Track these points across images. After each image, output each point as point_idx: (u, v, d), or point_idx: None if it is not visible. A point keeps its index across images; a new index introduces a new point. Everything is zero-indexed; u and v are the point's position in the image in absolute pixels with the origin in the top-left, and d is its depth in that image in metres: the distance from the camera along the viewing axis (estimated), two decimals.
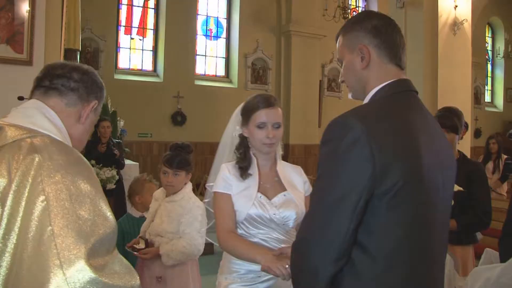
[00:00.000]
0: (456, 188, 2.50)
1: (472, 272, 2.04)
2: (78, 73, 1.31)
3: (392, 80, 1.30)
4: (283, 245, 1.84)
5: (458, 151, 2.87)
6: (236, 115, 2.06)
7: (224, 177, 1.91)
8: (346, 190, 1.14)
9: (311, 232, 1.19)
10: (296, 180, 2.01)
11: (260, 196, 1.88)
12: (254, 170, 1.93)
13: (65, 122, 1.25)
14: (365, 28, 1.32)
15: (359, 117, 1.18)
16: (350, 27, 1.37)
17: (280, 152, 2.07)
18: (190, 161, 2.73)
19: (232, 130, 2.07)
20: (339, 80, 1.45)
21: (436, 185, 1.24)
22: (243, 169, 1.92)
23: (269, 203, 1.88)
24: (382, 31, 1.32)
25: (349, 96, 1.45)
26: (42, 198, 0.99)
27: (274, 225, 1.87)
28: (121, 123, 6.99)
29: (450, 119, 2.76)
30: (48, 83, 1.28)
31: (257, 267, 1.73)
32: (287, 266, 1.54)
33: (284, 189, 1.94)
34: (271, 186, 1.94)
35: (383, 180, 1.13)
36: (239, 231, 1.89)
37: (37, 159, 1.03)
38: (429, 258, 1.24)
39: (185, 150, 2.74)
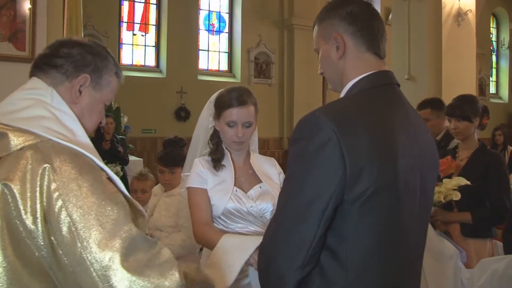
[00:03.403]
0: (464, 182, 2.42)
1: (478, 264, 2.03)
2: (66, 47, 1.16)
3: (371, 72, 1.21)
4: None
5: (478, 140, 2.72)
6: (209, 103, 2.03)
7: (199, 172, 1.89)
8: (313, 195, 1.06)
9: (276, 237, 1.12)
10: (271, 172, 2.00)
11: (236, 190, 1.86)
12: (228, 163, 1.92)
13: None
14: (340, 15, 1.23)
15: (331, 115, 1.09)
16: (325, 15, 1.28)
17: (255, 145, 2.05)
18: (184, 156, 2.71)
19: (206, 119, 2.04)
20: (319, 72, 1.36)
21: (412, 188, 1.16)
22: (216, 161, 1.91)
23: (245, 196, 1.86)
24: (358, 17, 1.23)
25: (331, 89, 1.38)
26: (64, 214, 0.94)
27: (252, 218, 1.86)
28: (124, 119, 6.99)
29: (460, 108, 2.64)
30: (35, 62, 1.17)
31: (251, 268, 1.70)
32: None
33: (259, 181, 1.92)
34: (246, 179, 1.93)
35: (354, 185, 1.05)
36: (217, 226, 1.87)
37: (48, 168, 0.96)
38: (401, 265, 1.18)
39: (178, 145, 2.72)
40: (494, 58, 14.19)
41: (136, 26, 9.61)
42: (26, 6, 3.99)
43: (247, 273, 1.73)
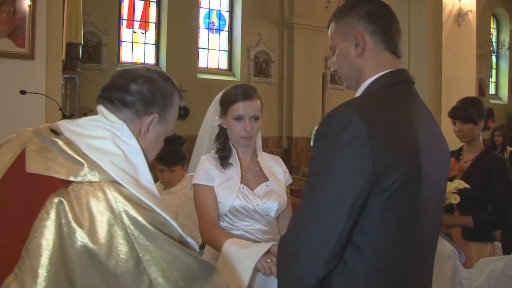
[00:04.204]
0: (462, 185, 2.40)
1: (477, 264, 2.03)
2: (136, 84, 1.18)
3: (389, 70, 1.23)
4: (266, 237, 1.82)
5: (484, 143, 2.68)
6: (214, 103, 2.02)
7: (205, 169, 1.87)
8: (344, 189, 1.07)
9: (303, 231, 1.11)
10: (277, 170, 1.99)
11: (243, 187, 1.86)
12: (235, 160, 1.90)
13: None
14: (359, 13, 1.25)
15: (358, 110, 1.10)
16: (343, 13, 1.30)
17: (259, 142, 2.04)
18: (183, 154, 2.70)
19: (211, 119, 2.03)
20: (331, 69, 1.38)
21: (431, 183, 1.19)
22: (223, 159, 1.89)
23: (252, 194, 1.86)
24: (377, 16, 1.25)
25: (345, 87, 1.39)
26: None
27: (258, 216, 1.85)
28: None
29: (464, 110, 2.60)
30: (104, 94, 1.20)
31: None
32: (268, 260, 1.52)
33: (266, 179, 1.92)
34: (253, 177, 1.92)
35: (381, 180, 1.07)
36: (223, 223, 1.86)
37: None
38: (418, 258, 1.21)
39: (178, 143, 2.72)
40: (494, 58, 14.19)
41: (136, 24, 9.59)
42: (26, 2, 3.98)
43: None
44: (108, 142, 1.11)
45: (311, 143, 2.45)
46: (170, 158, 2.63)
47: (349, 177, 1.07)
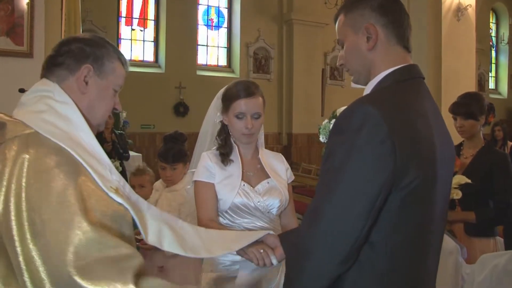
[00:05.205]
0: (464, 180, 2.39)
1: (479, 259, 2.03)
2: (66, 45, 1.23)
3: (402, 65, 1.20)
4: None
5: (484, 139, 2.67)
6: (217, 99, 2.00)
7: (206, 166, 1.86)
8: (363, 188, 1.03)
9: (319, 229, 1.06)
10: (279, 167, 1.97)
11: (244, 185, 1.84)
12: (236, 157, 1.89)
13: (73, 98, 1.19)
14: (371, 6, 1.21)
15: (378, 106, 1.06)
16: (353, 5, 1.25)
17: (262, 139, 2.03)
18: (185, 152, 2.69)
19: (213, 115, 2.01)
20: (338, 63, 1.33)
21: (443, 181, 1.18)
22: (224, 155, 1.88)
23: (253, 191, 1.84)
24: (389, 9, 1.21)
25: (352, 82, 1.35)
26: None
27: (259, 213, 1.84)
28: (123, 115, 6.97)
29: (465, 105, 2.58)
30: (43, 66, 1.25)
31: (243, 258, 1.69)
32: (261, 250, 1.45)
33: (267, 177, 1.90)
34: (254, 174, 1.91)
35: (401, 177, 1.04)
36: (224, 220, 1.85)
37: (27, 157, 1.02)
38: (430, 254, 1.20)
39: (179, 140, 2.70)
40: (493, 53, 14.16)
41: (135, 21, 9.56)
42: (24, 0, 3.96)
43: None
44: (38, 105, 1.16)
45: (320, 139, 2.43)
46: (171, 156, 2.62)
47: (369, 175, 1.04)
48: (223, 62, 10.41)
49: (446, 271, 1.91)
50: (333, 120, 2.28)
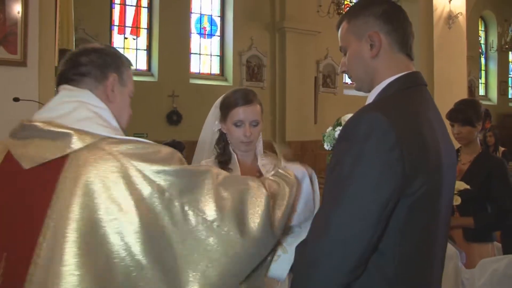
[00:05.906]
0: (463, 186, 2.41)
1: (479, 264, 2.03)
2: (84, 56, 1.25)
3: (406, 72, 1.20)
4: None
5: (481, 144, 2.70)
6: (215, 108, 2.01)
7: None
8: (372, 195, 1.02)
9: (328, 237, 1.04)
10: None
11: None
12: (235, 165, 1.89)
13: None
14: (375, 13, 1.21)
15: (386, 113, 1.06)
16: (357, 12, 1.25)
17: (260, 147, 2.02)
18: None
19: (211, 124, 2.02)
20: (339, 70, 1.34)
21: (447, 187, 1.18)
22: (223, 164, 1.88)
23: None
24: (393, 17, 1.22)
25: (355, 89, 1.35)
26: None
27: None
28: None
29: (463, 112, 2.59)
30: (59, 79, 1.25)
31: None
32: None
33: None
34: None
35: (410, 185, 1.04)
36: None
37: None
38: (435, 261, 1.20)
39: (177, 149, 2.69)
40: (483, 60, 14.34)
41: (128, 30, 9.55)
42: (17, 9, 3.94)
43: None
44: (82, 111, 1.15)
45: (325, 146, 2.43)
46: None
47: (378, 183, 1.02)
48: (216, 70, 10.41)
49: (446, 276, 1.91)
50: (338, 128, 2.28)
